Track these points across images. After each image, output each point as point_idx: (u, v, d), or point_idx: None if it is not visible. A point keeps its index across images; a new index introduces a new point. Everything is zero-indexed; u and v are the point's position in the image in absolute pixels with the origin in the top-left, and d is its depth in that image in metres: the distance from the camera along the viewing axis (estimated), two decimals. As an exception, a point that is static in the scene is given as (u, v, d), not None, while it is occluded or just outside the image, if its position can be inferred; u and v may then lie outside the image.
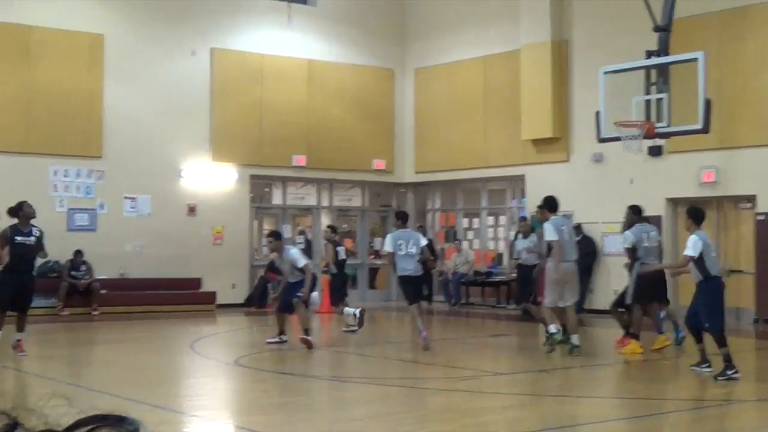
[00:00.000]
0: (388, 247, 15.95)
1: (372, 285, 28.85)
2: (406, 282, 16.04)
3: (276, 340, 16.09)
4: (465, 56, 27.22)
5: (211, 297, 24.39)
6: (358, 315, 18.11)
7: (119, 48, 24.22)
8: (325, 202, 28.29)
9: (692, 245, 12.20)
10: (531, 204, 25.29)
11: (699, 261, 12.14)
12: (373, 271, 29.04)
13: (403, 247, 15.80)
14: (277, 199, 27.71)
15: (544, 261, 15.42)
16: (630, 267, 15.42)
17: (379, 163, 28.29)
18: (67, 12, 23.72)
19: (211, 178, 25.32)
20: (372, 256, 28.59)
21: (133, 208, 24.31)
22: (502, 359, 15.68)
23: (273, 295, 18.63)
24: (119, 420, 0.73)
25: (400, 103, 28.93)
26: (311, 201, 28.28)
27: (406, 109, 28.94)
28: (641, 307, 15.19)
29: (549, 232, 14.84)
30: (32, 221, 14.73)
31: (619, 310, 15.74)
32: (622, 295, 15.65)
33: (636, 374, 13.81)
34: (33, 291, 14.96)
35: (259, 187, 27.08)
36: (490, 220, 27.83)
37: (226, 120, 25.64)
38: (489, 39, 26.52)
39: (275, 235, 16.64)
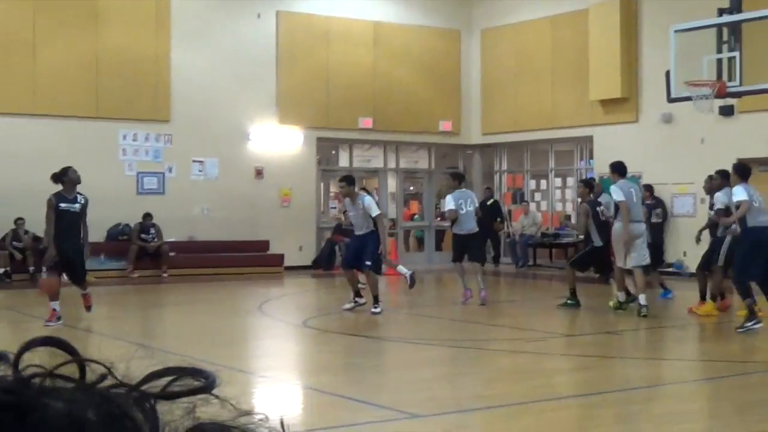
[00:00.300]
0: (450, 205, 16.32)
1: (438, 247, 28.81)
2: (458, 240, 16.66)
3: (351, 305, 15.49)
4: (532, 16, 26.94)
5: (279, 259, 24.52)
6: (408, 277, 17.11)
7: (186, 12, 24.32)
8: (391, 164, 28.29)
9: (739, 193, 12.77)
10: (599, 166, 25.11)
11: None
12: (440, 233, 29.00)
13: (463, 206, 16.40)
14: (343, 161, 27.75)
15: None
16: (720, 229, 14.93)
17: (445, 125, 28.18)
18: (135, -24, 23.88)
19: (278, 141, 25.41)
20: (438, 218, 28.57)
21: (200, 171, 24.49)
22: (569, 321, 15.61)
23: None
24: (195, 372, 0.73)
25: (467, 64, 28.75)
26: (378, 163, 28.29)
27: (472, 70, 28.76)
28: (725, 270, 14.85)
29: (616, 194, 14.85)
30: (78, 187, 14.11)
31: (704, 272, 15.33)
32: (709, 257, 15.22)
33: (707, 336, 13.67)
34: (83, 259, 14.29)
35: (325, 149, 27.14)
36: (558, 181, 27.65)
37: (292, 83, 25.68)
38: (557, -2, 26.21)
39: (348, 180, 15.87)
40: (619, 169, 15.57)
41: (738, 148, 21.85)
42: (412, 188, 28.81)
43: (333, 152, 27.91)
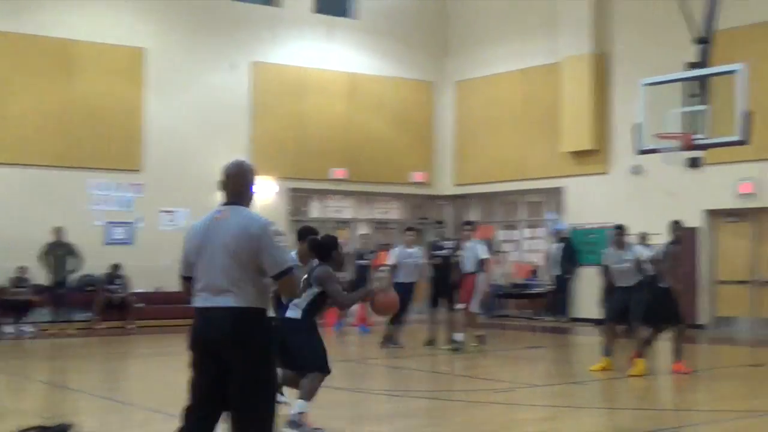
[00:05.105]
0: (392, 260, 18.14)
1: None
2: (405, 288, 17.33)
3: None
4: (505, 69, 27.19)
5: (249, 310, 24.29)
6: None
7: (159, 62, 24.39)
8: (363, 215, 28.31)
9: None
10: (567, 217, 25.25)
11: None
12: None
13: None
14: (315, 212, 27.73)
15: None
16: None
17: (418, 176, 28.28)
18: (108, 26, 23.92)
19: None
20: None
21: (170, 221, 24.41)
22: (538, 371, 15.59)
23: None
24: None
25: (440, 115, 28.93)
26: (349, 214, 28.30)
27: (445, 122, 28.93)
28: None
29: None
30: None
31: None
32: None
33: (675, 385, 13.67)
34: None
35: (297, 200, 27.13)
36: (528, 232, 27.73)
37: (265, 133, 25.73)
38: (529, 52, 26.48)
39: (300, 234, 10.61)
40: None
41: (705, 199, 22.04)
42: (381, 239, 28.69)
43: (304, 209, 27.85)
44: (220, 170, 5.97)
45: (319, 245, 9.47)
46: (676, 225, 14.93)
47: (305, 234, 9.95)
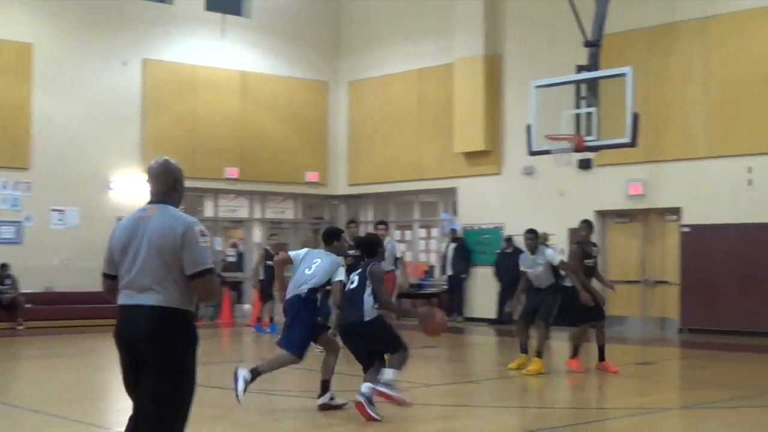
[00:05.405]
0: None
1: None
2: None
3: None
4: (399, 69, 27.33)
5: (141, 310, 23.96)
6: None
7: (49, 58, 23.92)
8: (257, 215, 28.17)
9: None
10: (461, 217, 25.49)
11: None
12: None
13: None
14: (208, 211, 27.49)
15: None
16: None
17: (312, 176, 28.25)
18: (-5, 21, 23.41)
19: (142, 190, 25.05)
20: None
21: (60, 220, 23.97)
22: (433, 370, 15.69)
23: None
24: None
25: (334, 115, 28.94)
26: (243, 213, 28.13)
27: (339, 122, 28.95)
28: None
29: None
30: None
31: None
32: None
33: (569, 384, 13.89)
34: None
35: (190, 199, 26.84)
36: (422, 232, 27.91)
37: (157, 131, 25.42)
38: (423, 52, 26.65)
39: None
40: None
41: (596, 200, 22.46)
42: (275, 236, 28.58)
43: (198, 201, 27.63)
44: (146, 169, 5.88)
45: (366, 243, 10.58)
46: (583, 225, 14.96)
47: (336, 234, 10.96)
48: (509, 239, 23.56)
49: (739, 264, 20.41)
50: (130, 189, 24.83)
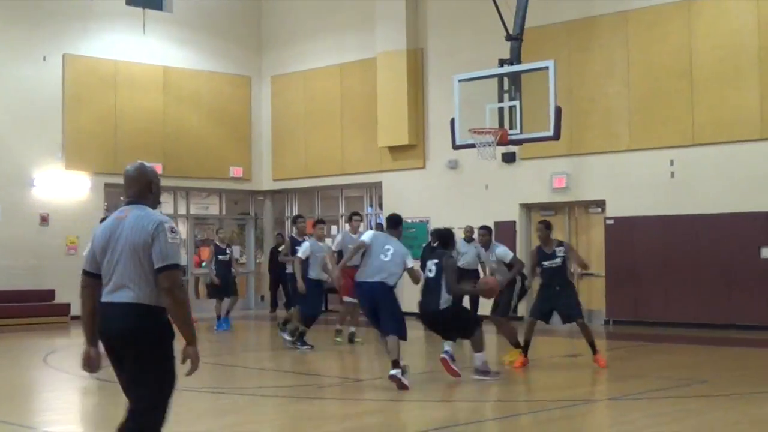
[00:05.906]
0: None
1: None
2: None
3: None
4: (321, 64, 27.32)
5: (65, 309, 23.77)
6: None
7: (-35, 54, 23.51)
8: (182, 211, 27.96)
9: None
10: (386, 211, 25.55)
11: None
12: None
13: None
14: (132, 207, 27.16)
15: None
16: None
17: (236, 171, 28.14)
18: None
19: (64, 187, 24.76)
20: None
21: (-21, 219, 23.60)
22: (363, 365, 15.74)
23: None
24: None
25: (257, 110, 28.85)
26: (168, 209, 27.88)
27: (263, 117, 28.87)
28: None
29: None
30: None
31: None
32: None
33: (500, 378, 14.01)
34: None
35: (114, 195, 26.51)
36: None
37: (79, 127, 25.12)
38: (345, 47, 26.68)
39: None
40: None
41: (520, 194, 22.69)
42: (197, 234, 28.47)
43: (122, 198, 27.33)
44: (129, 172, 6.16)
45: (443, 235, 12.72)
46: (540, 226, 14.89)
47: (400, 219, 12.63)
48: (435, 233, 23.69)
49: (661, 256, 20.74)
50: (53, 186, 24.51)
